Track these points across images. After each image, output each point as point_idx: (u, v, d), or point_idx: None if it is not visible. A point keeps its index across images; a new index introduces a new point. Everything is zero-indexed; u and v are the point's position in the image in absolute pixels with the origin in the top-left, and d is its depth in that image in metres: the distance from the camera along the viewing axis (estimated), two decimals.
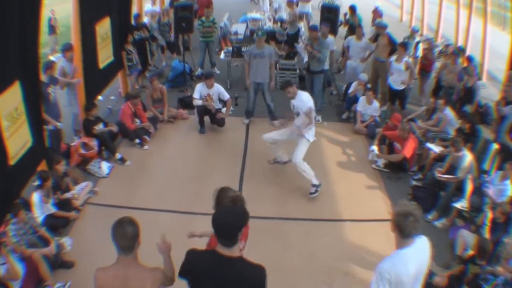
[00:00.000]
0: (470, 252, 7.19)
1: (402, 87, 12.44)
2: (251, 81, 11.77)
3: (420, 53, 15.04)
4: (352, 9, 16.56)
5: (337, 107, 13.75)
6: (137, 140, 11.17)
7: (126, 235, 4.06)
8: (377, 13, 18.99)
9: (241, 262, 4.10)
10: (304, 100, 9.20)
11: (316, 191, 9.40)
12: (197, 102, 11.67)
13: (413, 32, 15.63)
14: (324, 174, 10.29)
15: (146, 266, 4.27)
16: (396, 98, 12.82)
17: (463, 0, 19.01)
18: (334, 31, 14.36)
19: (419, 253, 4.51)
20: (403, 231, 4.35)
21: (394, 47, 13.30)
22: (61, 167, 8.72)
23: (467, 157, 8.99)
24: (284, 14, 19.66)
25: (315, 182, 9.41)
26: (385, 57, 13.30)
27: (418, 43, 15.52)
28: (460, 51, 14.15)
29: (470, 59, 13.29)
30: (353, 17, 16.15)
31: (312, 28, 12.81)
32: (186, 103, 13.16)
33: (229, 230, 4.02)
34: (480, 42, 16.19)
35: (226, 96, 11.83)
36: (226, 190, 5.38)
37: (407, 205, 4.44)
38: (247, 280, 4.07)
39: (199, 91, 11.70)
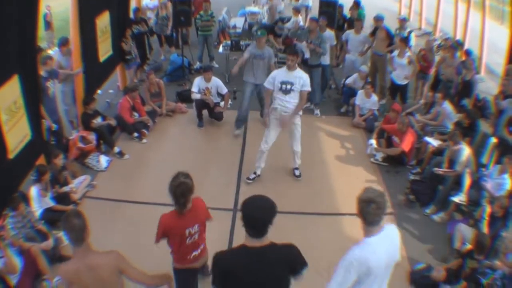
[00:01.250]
0: (468, 247, 7.18)
1: (405, 81, 12.45)
2: (250, 82, 11.31)
3: (413, 42, 14.98)
4: (356, 3, 16.50)
5: (336, 100, 13.73)
6: (135, 134, 11.16)
7: (74, 227, 4.24)
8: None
9: (273, 247, 4.12)
10: (304, 77, 8.86)
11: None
12: (196, 96, 11.67)
13: (402, 21, 15.54)
14: (322, 168, 10.34)
15: (100, 251, 4.47)
16: (397, 92, 12.79)
17: None
18: (332, 25, 14.29)
19: (388, 242, 4.40)
20: (366, 218, 4.23)
21: (392, 40, 13.32)
22: (59, 161, 8.74)
23: (465, 151, 8.97)
24: (283, 5, 19.69)
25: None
26: (383, 51, 13.29)
27: (410, 32, 15.42)
28: (459, 45, 14.13)
29: (468, 53, 13.26)
30: (353, 11, 16.07)
31: (312, 19, 12.82)
32: (184, 97, 13.12)
33: (259, 223, 4.04)
34: (479, 36, 16.17)
35: (224, 89, 11.79)
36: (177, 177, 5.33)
37: (371, 191, 4.25)
38: (283, 261, 4.13)
39: (197, 85, 11.69)
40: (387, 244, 4.37)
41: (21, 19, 7.60)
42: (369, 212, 4.16)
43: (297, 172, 9.92)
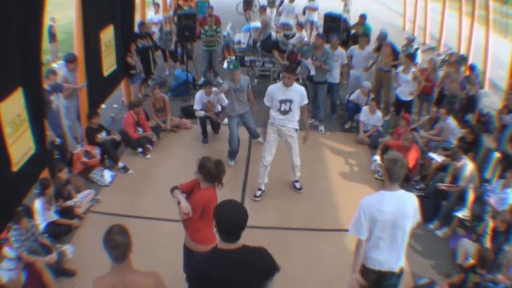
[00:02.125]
0: (471, 261, 7.19)
1: (409, 98, 12.41)
2: (233, 115, 10.89)
3: (419, 59, 14.98)
4: (362, 17, 16.54)
5: (340, 117, 13.71)
6: (139, 149, 11.17)
7: (117, 245, 4.05)
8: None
9: (245, 250, 4.19)
10: (301, 91, 9.07)
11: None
12: (200, 113, 11.68)
13: (409, 41, 15.62)
14: (326, 183, 10.34)
15: (141, 271, 4.28)
16: (402, 108, 12.69)
17: (465, 8, 19.03)
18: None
19: (400, 201, 5.16)
20: (392, 175, 5.08)
21: (397, 56, 13.33)
22: (64, 174, 8.77)
23: (468, 166, 8.98)
24: (291, 20, 19.75)
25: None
26: (388, 67, 13.29)
27: (416, 50, 15.45)
28: (463, 59, 14.05)
29: (472, 68, 13.28)
30: (358, 27, 16.09)
31: (318, 35, 12.82)
32: (189, 112, 13.12)
33: (233, 228, 4.11)
34: (483, 50, 16.15)
35: (225, 101, 11.45)
36: (208, 158, 5.78)
37: (396, 154, 5.22)
38: (256, 262, 4.21)
39: (199, 101, 11.68)
40: (399, 203, 5.16)
41: (25, 31, 7.66)
42: (395, 170, 5.00)
43: (297, 185, 9.96)
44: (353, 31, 16.39)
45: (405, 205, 5.12)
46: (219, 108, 12.03)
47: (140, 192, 9.74)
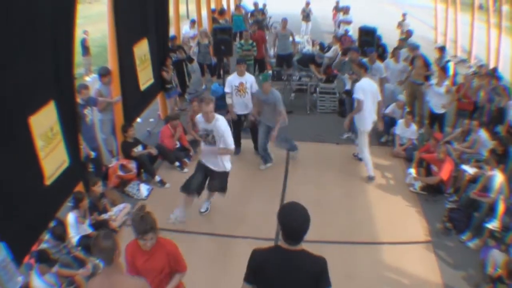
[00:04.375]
0: (499, 271, 7.16)
1: (442, 110, 12.20)
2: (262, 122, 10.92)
3: (451, 71, 14.75)
4: (408, 33, 16.47)
5: (376, 130, 13.48)
6: (177, 163, 11.08)
7: (103, 249, 4.33)
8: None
9: (303, 254, 4.24)
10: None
11: None
12: (228, 101, 11.38)
13: (440, 50, 15.47)
14: (363, 197, 10.31)
15: (128, 276, 4.71)
16: (435, 121, 12.59)
17: (493, 20, 19.05)
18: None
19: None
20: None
21: (428, 67, 13.25)
22: (98, 188, 8.69)
23: (498, 178, 8.91)
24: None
25: None
26: (421, 80, 13.15)
27: (447, 62, 15.23)
28: (494, 72, 13.87)
29: (498, 78, 13.09)
30: (402, 42, 15.90)
31: (353, 50, 12.85)
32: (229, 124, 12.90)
33: (296, 232, 4.14)
34: (510, 60, 15.95)
35: (255, 87, 11.23)
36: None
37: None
38: (309, 269, 4.22)
39: (230, 83, 11.30)
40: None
41: (57, 44, 7.60)
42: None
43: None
44: (397, 43, 16.20)
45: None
46: (250, 106, 11.41)
47: (177, 206, 9.49)
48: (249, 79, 11.25)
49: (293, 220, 4.10)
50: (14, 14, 6.30)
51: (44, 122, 7.28)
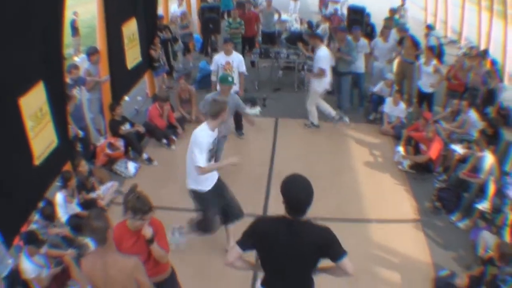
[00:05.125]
0: (490, 253, 7.17)
1: (431, 90, 12.29)
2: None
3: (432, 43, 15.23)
4: (392, 11, 16.60)
5: (364, 108, 13.63)
6: (164, 140, 11.18)
7: (95, 230, 4.34)
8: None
9: (309, 225, 4.29)
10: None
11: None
12: (213, 78, 11.22)
13: (429, 29, 15.74)
14: (351, 174, 10.37)
15: (121, 254, 4.62)
16: (424, 100, 12.66)
17: (484, 2, 19.02)
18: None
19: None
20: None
21: (417, 47, 13.33)
22: (83, 168, 8.72)
23: (488, 158, 8.96)
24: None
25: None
26: (412, 59, 13.27)
27: (441, 45, 15.49)
28: (484, 53, 14.09)
29: (493, 62, 13.31)
30: (388, 21, 15.92)
31: (340, 30, 12.98)
32: None
33: (300, 205, 4.18)
34: (501, 44, 16.00)
35: (242, 67, 11.17)
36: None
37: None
38: (314, 241, 4.23)
39: (216, 62, 11.17)
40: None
41: (45, 24, 7.61)
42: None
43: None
44: (383, 23, 16.24)
45: None
46: (236, 88, 10.73)
47: (164, 183, 9.69)
48: (236, 58, 11.17)
49: (299, 192, 4.17)
50: None
51: (34, 103, 7.34)
